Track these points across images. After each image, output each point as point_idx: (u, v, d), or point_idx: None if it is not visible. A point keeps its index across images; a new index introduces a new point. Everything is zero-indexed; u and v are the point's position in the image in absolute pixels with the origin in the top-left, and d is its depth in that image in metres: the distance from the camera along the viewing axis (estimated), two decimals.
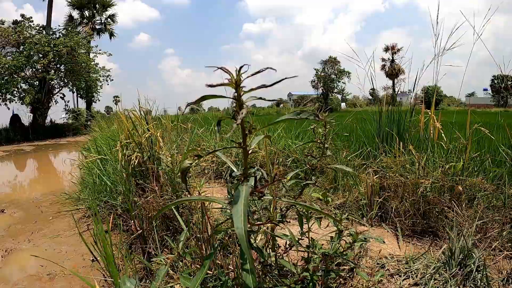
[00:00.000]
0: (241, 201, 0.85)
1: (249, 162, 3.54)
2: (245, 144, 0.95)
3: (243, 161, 0.96)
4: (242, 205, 0.84)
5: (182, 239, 1.52)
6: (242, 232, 0.79)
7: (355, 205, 2.71)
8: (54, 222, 3.84)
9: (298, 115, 0.90)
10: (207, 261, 1.03)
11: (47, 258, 2.78)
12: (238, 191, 0.90)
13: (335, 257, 1.41)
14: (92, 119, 19.97)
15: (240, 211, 0.83)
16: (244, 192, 0.87)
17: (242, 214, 0.82)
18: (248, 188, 0.88)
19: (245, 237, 0.79)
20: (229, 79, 0.86)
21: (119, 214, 2.96)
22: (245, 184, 0.90)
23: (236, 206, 0.84)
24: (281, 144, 4.13)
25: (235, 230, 0.78)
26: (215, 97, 0.85)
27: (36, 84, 19.37)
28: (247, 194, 0.88)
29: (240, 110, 0.84)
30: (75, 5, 29.83)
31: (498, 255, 2.02)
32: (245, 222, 0.81)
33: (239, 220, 0.81)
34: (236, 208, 0.84)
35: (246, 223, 0.81)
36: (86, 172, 4.43)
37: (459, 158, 2.66)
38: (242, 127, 0.93)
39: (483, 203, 2.42)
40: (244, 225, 0.80)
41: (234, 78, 0.86)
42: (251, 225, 1.06)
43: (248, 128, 0.93)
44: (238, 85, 0.87)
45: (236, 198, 0.87)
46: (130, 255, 2.29)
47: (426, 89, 9.32)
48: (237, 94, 0.88)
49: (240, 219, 0.81)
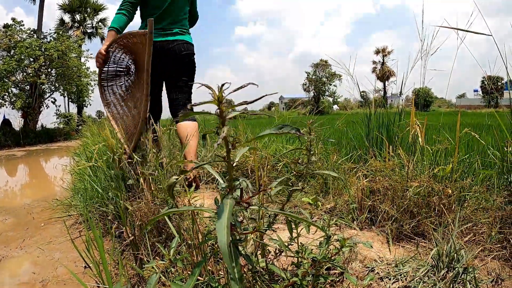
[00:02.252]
0: (225, 216, 0.87)
1: (241, 167, 3.56)
2: (229, 158, 0.96)
3: (228, 174, 0.99)
4: (226, 219, 0.86)
5: (173, 246, 1.53)
6: (225, 247, 0.81)
7: (345, 208, 2.74)
8: (46, 228, 3.82)
9: (280, 129, 0.93)
10: (197, 269, 1.05)
11: (39, 265, 2.76)
12: (222, 204, 0.92)
13: (324, 262, 1.43)
14: (83, 123, 19.88)
15: (223, 225, 0.85)
16: (228, 206, 0.90)
17: (225, 228, 0.84)
18: (232, 202, 0.90)
19: (227, 252, 0.81)
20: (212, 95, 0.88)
21: (111, 220, 2.96)
22: (230, 198, 0.92)
23: (219, 220, 0.86)
24: (272, 148, 4.16)
25: (218, 244, 0.80)
26: (197, 114, 0.87)
27: (27, 88, 19.23)
28: (231, 208, 0.90)
29: (222, 126, 0.87)
30: (66, 9, 29.79)
31: (488, 256, 2.05)
32: (228, 236, 0.83)
33: (222, 234, 0.83)
34: (219, 222, 0.86)
35: (229, 237, 0.83)
36: (77, 178, 4.41)
37: (449, 161, 2.69)
38: (226, 142, 0.94)
39: (473, 205, 2.46)
40: (227, 239, 0.82)
41: (216, 95, 0.88)
42: (238, 234, 1.08)
43: (232, 143, 0.95)
44: (221, 102, 0.89)
45: (219, 212, 0.89)
46: (122, 261, 2.29)
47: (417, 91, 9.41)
48: (219, 111, 0.90)
49: (223, 233, 0.83)
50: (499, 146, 2.55)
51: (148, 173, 2.47)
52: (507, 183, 2.38)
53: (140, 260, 2.33)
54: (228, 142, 0.93)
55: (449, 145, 2.82)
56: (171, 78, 3.42)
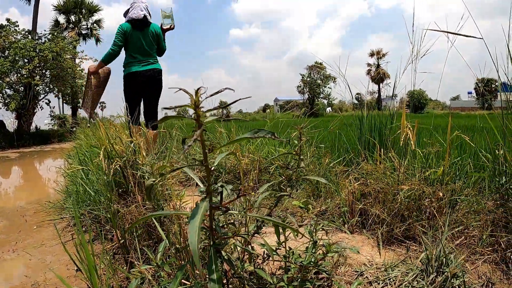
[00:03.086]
0: (197, 217, 0.89)
1: (232, 170, 3.56)
2: (206, 162, 0.96)
3: (207, 178, 0.99)
4: (198, 221, 0.88)
5: (160, 250, 1.53)
6: (195, 248, 0.83)
7: (337, 212, 2.74)
8: (39, 231, 3.80)
9: (256, 133, 0.93)
10: (179, 272, 1.05)
11: (31, 268, 2.74)
12: (197, 207, 0.93)
13: (311, 267, 1.43)
14: (77, 125, 19.79)
15: (195, 227, 0.86)
16: (202, 209, 0.91)
17: (196, 229, 0.86)
18: (207, 204, 0.92)
19: (197, 252, 0.82)
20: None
21: (103, 223, 2.95)
22: (205, 201, 0.93)
23: (192, 221, 0.88)
24: (264, 151, 4.16)
25: (189, 244, 0.81)
26: (176, 118, 0.87)
27: (21, 89, 19.11)
28: (205, 210, 0.90)
29: (198, 129, 0.87)
30: (61, 9, 29.68)
31: (479, 259, 2.06)
32: (198, 237, 0.84)
33: (192, 235, 0.85)
34: (191, 223, 0.87)
35: (199, 239, 0.85)
36: (69, 181, 4.39)
37: (440, 164, 2.70)
38: (203, 146, 0.95)
39: (464, 208, 2.46)
40: (196, 240, 0.84)
41: (193, 99, 0.88)
42: (219, 238, 1.08)
43: (209, 147, 0.95)
44: (197, 106, 0.89)
45: (193, 214, 0.90)
46: (112, 265, 2.28)
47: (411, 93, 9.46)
48: (196, 115, 0.90)
49: (194, 235, 0.85)
50: (491, 149, 2.55)
51: (138, 176, 2.46)
52: (499, 185, 2.38)
53: (131, 263, 2.32)
54: (205, 145, 0.94)
55: (440, 148, 2.83)
56: (148, 94, 5.13)
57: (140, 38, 4.98)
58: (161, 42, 5.28)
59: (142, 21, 4.96)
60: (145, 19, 5.00)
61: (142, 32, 5.00)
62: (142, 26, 4.99)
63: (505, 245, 2.08)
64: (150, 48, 5.06)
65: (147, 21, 5.03)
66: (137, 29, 4.96)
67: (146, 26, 5.03)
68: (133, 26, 4.95)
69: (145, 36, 5.02)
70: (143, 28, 5.00)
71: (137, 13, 4.94)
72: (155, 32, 5.14)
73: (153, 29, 5.11)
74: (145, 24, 5.02)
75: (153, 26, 5.13)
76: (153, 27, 5.13)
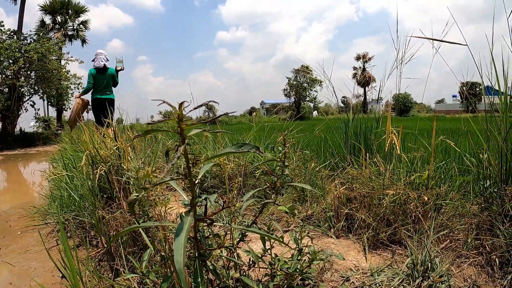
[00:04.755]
0: (183, 234, 0.86)
1: (218, 175, 3.55)
2: (190, 176, 0.95)
3: (191, 191, 0.98)
4: (183, 238, 0.85)
5: (145, 258, 1.51)
6: (181, 267, 0.80)
7: (322, 216, 2.74)
8: (23, 237, 3.74)
9: (240, 148, 0.93)
10: (164, 284, 1.04)
11: (16, 274, 2.70)
12: (182, 222, 0.91)
13: (296, 275, 1.43)
14: (62, 128, 19.55)
15: (180, 244, 0.84)
16: (187, 225, 0.88)
17: (182, 248, 0.83)
18: (191, 219, 0.90)
19: (183, 271, 0.80)
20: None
21: (87, 229, 2.92)
22: (190, 215, 0.91)
23: (177, 239, 0.85)
24: (249, 155, 4.15)
25: (175, 263, 0.79)
26: (158, 131, 0.86)
27: (5, 91, 18.80)
28: (189, 226, 0.88)
29: (182, 144, 0.86)
30: (47, 10, 29.27)
31: (464, 262, 2.07)
32: (183, 256, 0.82)
33: (178, 253, 0.82)
34: (177, 241, 0.85)
35: (185, 257, 0.82)
36: (54, 185, 4.34)
37: (425, 168, 2.72)
38: (187, 159, 0.94)
39: (449, 211, 2.48)
40: (182, 259, 0.81)
41: (177, 112, 0.87)
42: (203, 250, 1.07)
43: (193, 160, 0.94)
44: (181, 119, 0.88)
45: (178, 230, 0.88)
46: (97, 272, 2.25)
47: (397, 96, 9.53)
48: (179, 128, 0.88)
49: (180, 253, 0.82)
50: (475, 153, 2.58)
51: (123, 182, 2.44)
52: (483, 189, 2.40)
53: (116, 270, 2.30)
54: (189, 160, 0.93)
55: (425, 153, 2.85)
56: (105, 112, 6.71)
57: (101, 78, 7.91)
58: (115, 79, 8.20)
59: (102, 68, 7.91)
60: (104, 67, 7.93)
61: (103, 74, 7.93)
62: (103, 71, 7.93)
63: (490, 248, 2.11)
64: (107, 84, 8.00)
65: (106, 68, 7.96)
66: (99, 72, 7.91)
67: (105, 71, 7.96)
68: (97, 71, 7.89)
69: (105, 77, 7.96)
70: (103, 72, 7.95)
71: (99, 63, 7.87)
72: (111, 74, 8.06)
73: (110, 72, 8.03)
74: (105, 69, 7.95)
75: (110, 70, 8.04)
76: (110, 71, 8.05)
